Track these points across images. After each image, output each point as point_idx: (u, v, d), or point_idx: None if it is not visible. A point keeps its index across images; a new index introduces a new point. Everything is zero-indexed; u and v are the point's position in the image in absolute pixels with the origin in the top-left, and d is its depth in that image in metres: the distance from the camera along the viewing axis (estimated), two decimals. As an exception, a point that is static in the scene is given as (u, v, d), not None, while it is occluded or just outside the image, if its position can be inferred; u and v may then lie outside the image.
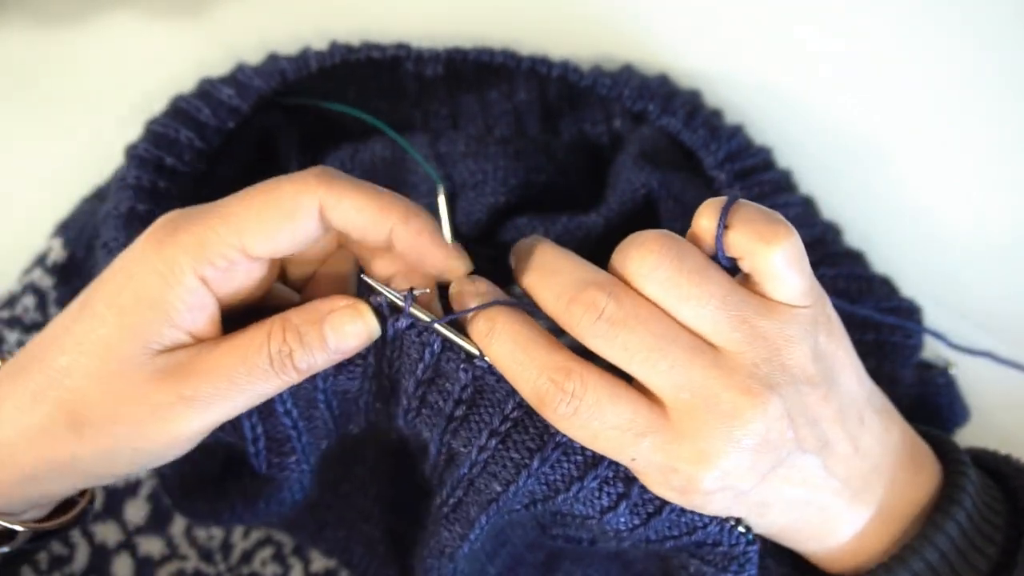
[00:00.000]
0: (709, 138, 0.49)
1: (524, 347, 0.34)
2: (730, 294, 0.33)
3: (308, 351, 0.34)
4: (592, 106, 0.52)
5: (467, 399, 0.35)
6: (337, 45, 0.49)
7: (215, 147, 0.47)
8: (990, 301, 0.52)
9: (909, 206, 0.53)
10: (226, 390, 0.33)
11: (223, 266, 0.33)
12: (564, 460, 0.35)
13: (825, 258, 0.48)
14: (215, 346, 0.34)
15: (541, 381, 0.33)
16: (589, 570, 0.46)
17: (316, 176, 0.34)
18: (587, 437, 0.33)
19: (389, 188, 0.50)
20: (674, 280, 0.33)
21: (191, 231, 0.33)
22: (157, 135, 0.46)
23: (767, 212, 0.34)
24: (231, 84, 0.48)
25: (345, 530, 0.47)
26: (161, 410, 0.33)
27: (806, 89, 0.54)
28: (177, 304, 0.33)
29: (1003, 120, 0.53)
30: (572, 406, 0.33)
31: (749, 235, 0.33)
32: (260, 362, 0.34)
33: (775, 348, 0.33)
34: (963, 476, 0.37)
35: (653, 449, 0.33)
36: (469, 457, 0.36)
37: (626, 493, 0.35)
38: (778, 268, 0.33)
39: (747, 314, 0.33)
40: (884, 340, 0.45)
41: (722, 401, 0.32)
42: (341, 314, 0.35)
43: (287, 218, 0.33)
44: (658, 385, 0.33)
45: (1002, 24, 0.52)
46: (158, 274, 0.33)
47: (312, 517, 0.47)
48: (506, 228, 0.49)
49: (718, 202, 0.34)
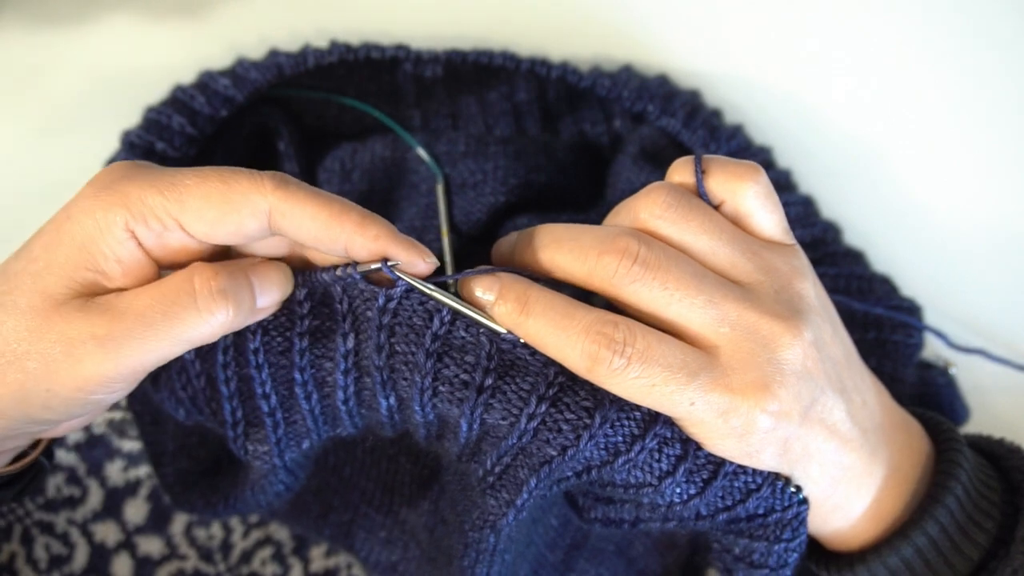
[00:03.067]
0: (708, 138, 0.49)
1: (564, 312, 0.34)
2: (735, 232, 0.35)
3: (236, 287, 0.33)
4: (592, 106, 0.52)
5: (495, 368, 0.35)
6: (336, 44, 0.49)
7: (207, 134, 0.47)
8: (989, 301, 0.52)
9: (909, 206, 0.53)
10: (141, 331, 0.32)
11: (156, 229, 0.33)
12: (624, 417, 0.34)
13: (825, 257, 0.48)
14: (135, 290, 0.33)
15: (589, 339, 0.33)
16: (600, 568, 0.46)
17: (273, 181, 0.33)
18: (642, 389, 0.33)
19: (388, 188, 0.51)
20: (686, 219, 0.35)
21: (136, 184, 0.33)
22: (151, 121, 0.47)
23: (734, 159, 0.36)
24: (228, 76, 0.48)
25: (349, 513, 0.47)
26: (71, 346, 0.32)
27: (807, 89, 0.54)
28: (104, 250, 0.33)
29: (1004, 121, 0.53)
30: (626, 355, 0.32)
31: (727, 176, 0.35)
32: (181, 299, 0.33)
33: (787, 277, 0.35)
34: (958, 452, 0.38)
35: (709, 386, 0.33)
36: (517, 427, 0.34)
37: (684, 455, 0.34)
38: (756, 203, 0.35)
39: (755, 248, 0.35)
40: (885, 339, 0.45)
41: (760, 329, 0.33)
42: (266, 266, 0.35)
43: (232, 211, 0.33)
44: (699, 323, 0.34)
45: (1003, 25, 0.52)
46: (92, 218, 0.32)
47: (317, 501, 0.47)
48: (506, 228, 0.49)
49: (690, 158, 0.36)
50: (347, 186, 0.50)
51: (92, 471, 0.49)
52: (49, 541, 0.48)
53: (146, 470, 0.49)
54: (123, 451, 0.49)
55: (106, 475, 0.49)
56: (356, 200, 0.49)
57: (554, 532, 0.42)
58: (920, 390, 0.47)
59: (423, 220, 0.49)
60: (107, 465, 0.49)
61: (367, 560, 0.48)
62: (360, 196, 0.50)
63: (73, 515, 0.49)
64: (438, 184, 0.49)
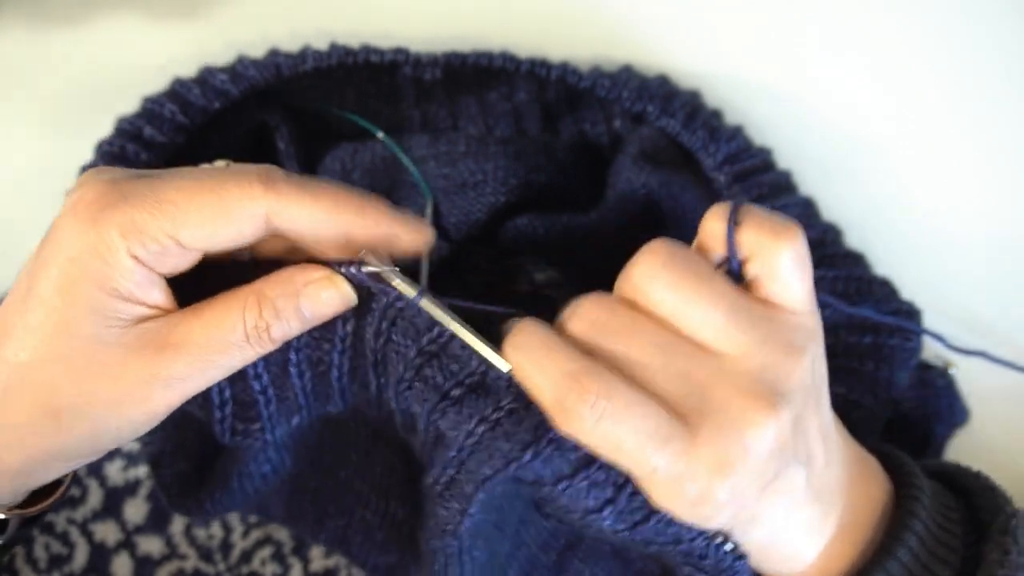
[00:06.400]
0: (708, 140, 0.49)
1: (547, 350, 0.33)
2: (737, 299, 0.33)
3: (284, 322, 0.34)
4: (592, 106, 0.52)
5: (470, 384, 0.35)
6: (336, 47, 0.49)
7: (198, 124, 0.47)
8: (990, 303, 0.52)
9: (910, 208, 0.53)
10: (201, 367, 0.33)
11: (156, 250, 0.32)
12: (557, 456, 0.34)
13: (825, 259, 0.48)
14: (186, 320, 0.33)
15: (563, 385, 0.32)
16: (596, 569, 0.46)
17: (262, 183, 0.33)
18: (611, 446, 0.32)
19: (389, 188, 0.51)
20: (679, 284, 0.33)
21: (125, 210, 0.32)
22: (144, 109, 0.47)
23: (776, 213, 0.34)
24: (227, 72, 0.48)
25: (345, 518, 0.47)
26: (137, 390, 0.33)
27: (808, 90, 0.54)
28: (121, 280, 0.32)
29: (1005, 122, 0.53)
30: (598, 410, 0.31)
31: (761, 232, 0.33)
32: (235, 338, 0.33)
33: (781, 354, 0.33)
34: (916, 501, 0.36)
35: (674, 458, 0.32)
36: (457, 441, 0.35)
37: (613, 499, 0.34)
38: (787, 267, 0.33)
39: (755, 319, 0.33)
40: (883, 343, 0.45)
41: (732, 407, 0.32)
42: (317, 286, 0.34)
43: (228, 223, 0.32)
44: (673, 395, 0.32)
45: (1004, 26, 0.52)
46: (95, 252, 0.32)
47: (313, 506, 0.47)
48: (506, 228, 0.49)
49: (726, 205, 0.34)
50: (347, 186, 0.50)
51: (92, 471, 0.49)
52: (49, 541, 0.48)
53: (146, 470, 0.49)
54: (123, 451, 0.50)
55: (106, 475, 0.49)
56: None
57: (547, 533, 0.42)
58: (919, 391, 0.47)
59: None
60: (107, 465, 0.50)
61: (364, 564, 0.48)
62: (360, 196, 0.50)
63: (73, 515, 0.49)
64: (428, 204, 0.49)
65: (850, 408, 0.44)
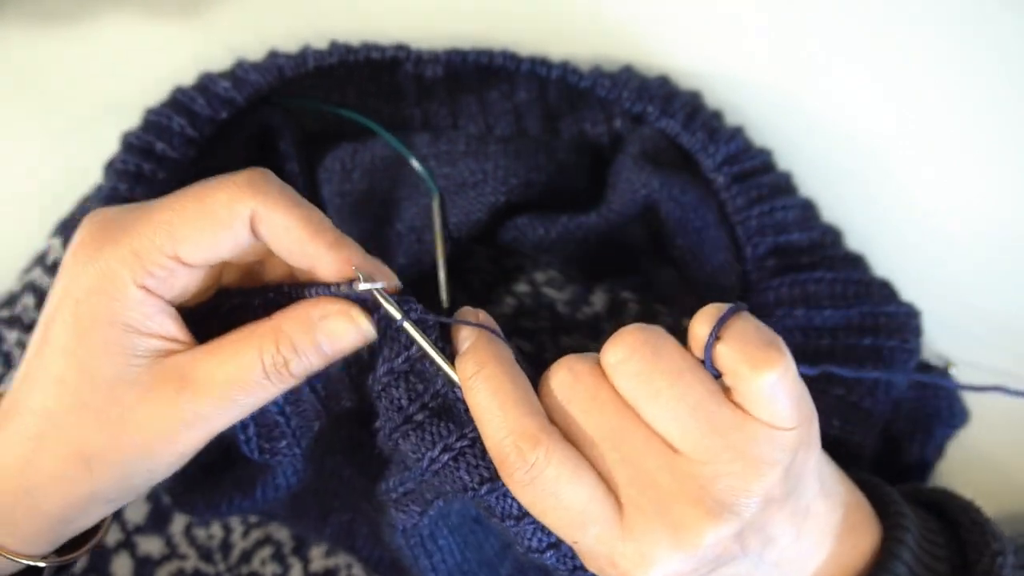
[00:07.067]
0: (707, 141, 0.48)
1: (501, 404, 0.33)
2: (706, 401, 0.32)
3: (303, 359, 0.34)
4: (592, 106, 0.52)
5: (433, 406, 0.35)
6: (336, 45, 0.49)
7: (207, 136, 0.47)
8: (991, 304, 0.52)
9: (912, 209, 0.53)
10: (224, 405, 0.34)
11: (161, 274, 0.33)
12: (510, 496, 0.34)
13: (823, 261, 0.48)
14: (204, 358, 0.34)
15: (507, 443, 0.32)
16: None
17: (249, 184, 0.33)
18: (537, 509, 0.33)
19: (389, 188, 0.51)
20: (646, 376, 0.32)
21: (123, 242, 0.32)
22: (151, 123, 0.47)
23: (764, 332, 0.32)
24: (228, 78, 0.48)
25: (349, 513, 0.47)
26: (162, 433, 0.33)
27: (809, 90, 0.53)
28: (132, 314, 0.33)
29: (1007, 123, 0.53)
30: (530, 476, 0.32)
31: (737, 354, 0.32)
32: (255, 377, 0.33)
33: (744, 468, 0.31)
34: (900, 543, 0.35)
35: (598, 540, 0.32)
36: (420, 465, 0.35)
37: (556, 544, 0.35)
38: (763, 394, 0.32)
39: (721, 425, 0.32)
40: (882, 345, 0.45)
41: (673, 509, 0.31)
42: (335, 321, 0.34)
43: (222, 228, 0.33)
44: (614, 478, 0.32)
45: (1004, 27, 0.52)
46: (102, 290, 0.32)
47: (317, 503, 0.47)
48: (506, 228, 0.49)
49: (716, 310, 0.33)
50: (347, 186, 0.50)
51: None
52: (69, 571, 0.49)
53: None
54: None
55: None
56: (356, 200, 0.50)
57: None
58: (919, 392, 0.47)
59: (423, 220, 0.49)
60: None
61: (369, 558, 0.48)
62: (360, 196, 0.50)
63: (73, 515, 0.49)
64: (434, 200, 0.49)
65: (849, 410, 0.44)
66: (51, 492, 0.34)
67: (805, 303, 0.46)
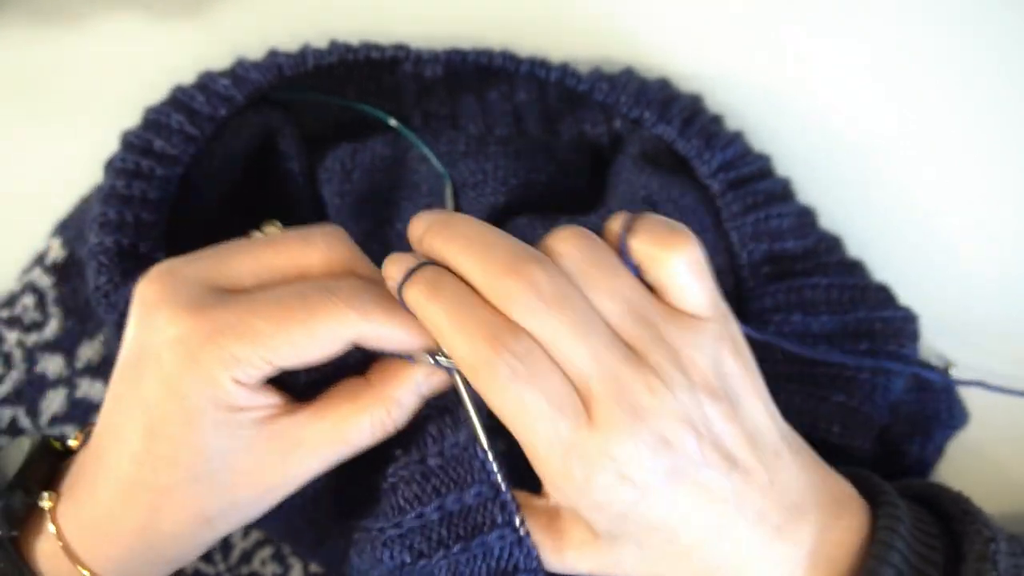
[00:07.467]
0: (703, 147, 0.48)
1: (471, 306, 0.33)
2: (636, 294, 0.34)
3: (406, 410, 0.37)
4: (592, 107, 0.52)
5: (435, 466, 0.37)
6: (336, 44, 0.49)
7: (207, 134, 0.47)
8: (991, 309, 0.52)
9: (912, 216, 0.53)
10: (330, 459, 0.36)
11: (255, 375, 0.34)
12: (479, 561, 0.36)
13: (819, 267, 0.47)
14: (311, 423, 0.36)
15: (486, 342, 0.32)
16: None
17: (351, 303, 0.34)
18: (514, 407, 0.33)
19: (390, 188, 0.51)
20: (583, 270, 0.34)
21: (222, 346, 0.34)
22: (150, 121, 0.47)
23: (670, 222, 0.35)
24: (228, 76, 0.48)
25: (345, 539, 0.47)
26: (273, 490, 0.36)
27: (811, 94, 0.53)
28: (232, 400, 0.34)
29: (1009, 130, 0.53)
30: (514, 367, 0.32)
31: (650, 241, 0.34)
32: (364, 439, 0.36)
33: (676, 352, 0.33)
34: (892, 531, 0.35)
35: (570, 428, 0.33)
36: (407, 516, 0.37)
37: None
38: (679, 275, 0.34)
39: (651, 316, 0.34)
40: (879, 349, 0.45)
41: (628, 394, 0.33)
42: (430, 380, 0.37)
43: (322, 348, 0.34)
44: (578, 372, 0.33)
45: (1005, 33, 0.52)
46: (204, 388, 0.34)
47: (313, 530, 0.47)
48: (506, 228, 0.49)
49: (626, 212, 0.36)
50: (347, 186, 0.50)
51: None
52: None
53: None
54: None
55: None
56: (356, 200, 0.50)
57: None
58: (918, 394, 0.47)
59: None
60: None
61: None
62: (360, 196, 0.50)
63: (73, 514, 0.49)
64: (447, 187, 0.49)
65: (848, 414, 0.44)
66: (173, 545, 0.37)
67: (802, 309, 0.46)
